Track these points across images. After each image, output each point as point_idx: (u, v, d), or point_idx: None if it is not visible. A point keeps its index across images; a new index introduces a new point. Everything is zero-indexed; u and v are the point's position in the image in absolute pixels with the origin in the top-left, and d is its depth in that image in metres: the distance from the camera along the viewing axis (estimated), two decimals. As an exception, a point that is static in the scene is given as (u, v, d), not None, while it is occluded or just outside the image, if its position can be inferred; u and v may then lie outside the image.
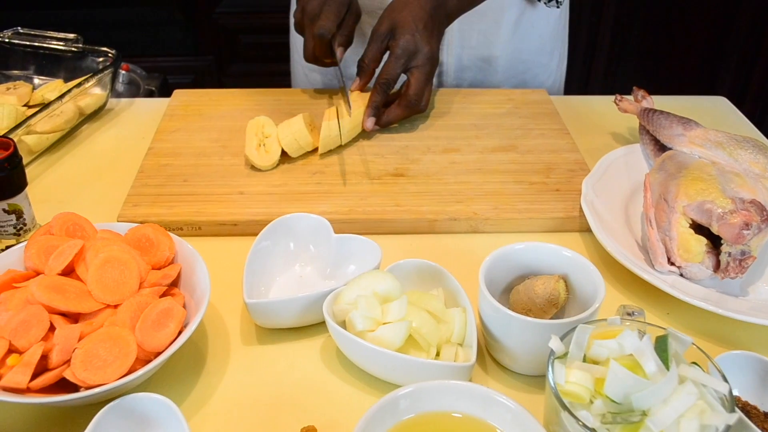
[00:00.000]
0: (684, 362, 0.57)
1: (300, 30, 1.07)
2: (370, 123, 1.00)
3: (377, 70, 1.02)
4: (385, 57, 1.02)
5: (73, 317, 0.66)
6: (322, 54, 1.04)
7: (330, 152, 0.99)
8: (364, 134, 1.03)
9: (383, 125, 1.03)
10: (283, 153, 0.96)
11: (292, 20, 1.29)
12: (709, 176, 0.82)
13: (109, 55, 1.14)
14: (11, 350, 0.62)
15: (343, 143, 0.99)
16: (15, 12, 2.42)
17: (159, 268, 0.72)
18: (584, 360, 0.58)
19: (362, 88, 1.04)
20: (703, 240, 0.78)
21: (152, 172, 0.95)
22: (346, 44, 1.06)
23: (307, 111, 1.02)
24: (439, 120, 1.08)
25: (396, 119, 1.03)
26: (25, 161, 0.79)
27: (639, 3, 2.37)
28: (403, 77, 1.02)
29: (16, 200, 0.78)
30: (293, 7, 1.28)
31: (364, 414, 0.55)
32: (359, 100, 1.02)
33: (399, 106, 1.01)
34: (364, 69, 1.02)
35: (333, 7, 1.01)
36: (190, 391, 0.68)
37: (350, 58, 1.12)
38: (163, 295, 0.70)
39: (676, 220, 0.79)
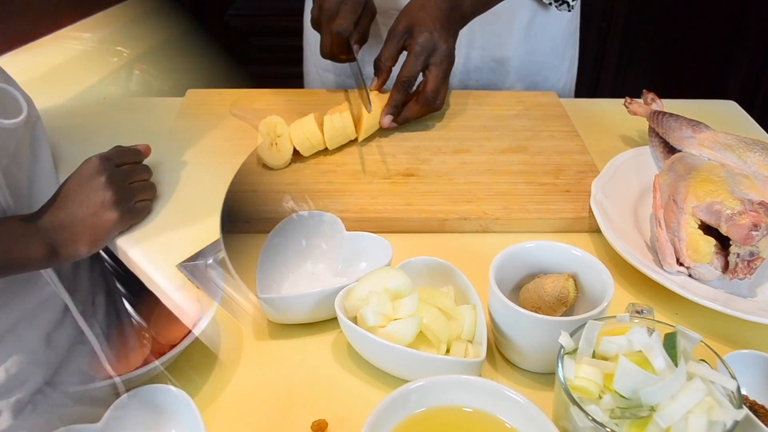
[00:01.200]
0: (692, 359, 0.57)
1: (317, 27, 1.08)
2: (387, 120, 1.02)
3: (394, 70, 1.03)
4: (402, 56, 1.03)
5: (90, 310, 0.67)
6: (338, 51, 1.07)
7: (341, 152, 1.00)
8: (375, 134, 1.04)
9: (401, 123, 1.04)
10: (295, 152, 0.97)
11: (305, 21, 1.30)
12: (718, 178, 0.82)
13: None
14: (29, 341, 0.63)
15: (357, 138, 1.00)
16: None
17: (173, 263, 0.73)
18: (593, 356, 0.59)
19: (380, 88, 1.05)
20: (712, 241, 0.78)
21: (166, 170, 0.96)
22: (362, 41, 1.08)
23: (318, 110, 1.03)
24: (449, 121, 1.09)
25: (413, 116, 1.04)
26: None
27: (649, 7, 2.37)
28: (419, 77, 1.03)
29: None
30: (307, 8, 1.29)
31: (375, 407, 0.55)
32: (376, 101, 1.03)
33: (416, 103, 1.03)
34: (381, 68, 1.04)
35: (350, 6, 1.03)
36: (203, 384, 0.69)
37: (365, 59, 1.13)
38: (178, 289, 0.71)
39: (685, 221, 0.80)
